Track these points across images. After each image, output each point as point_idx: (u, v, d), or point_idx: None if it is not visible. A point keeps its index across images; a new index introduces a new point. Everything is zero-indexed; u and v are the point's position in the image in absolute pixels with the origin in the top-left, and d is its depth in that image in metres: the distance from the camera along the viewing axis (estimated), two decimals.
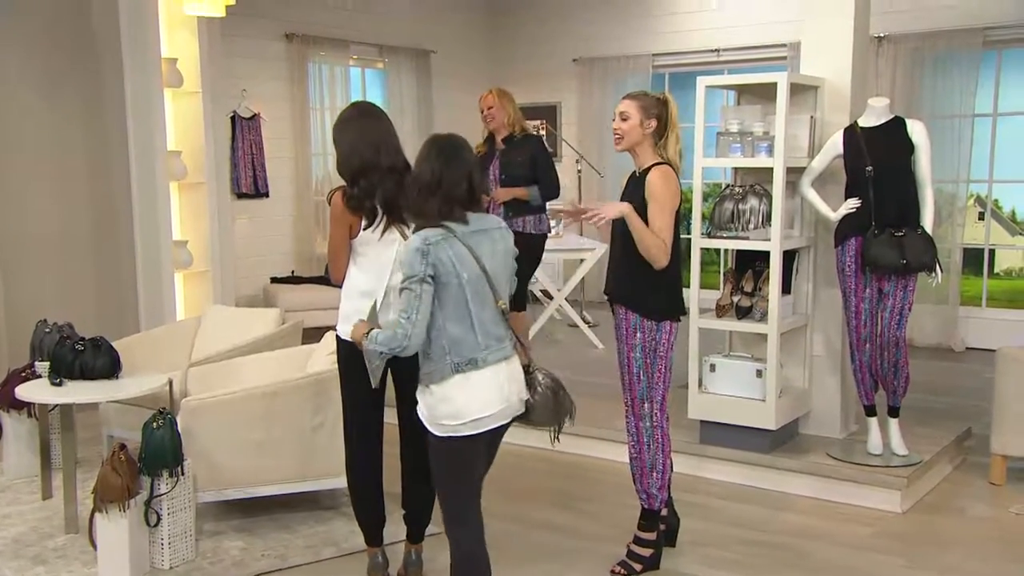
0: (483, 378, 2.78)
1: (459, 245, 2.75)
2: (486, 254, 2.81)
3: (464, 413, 2.77)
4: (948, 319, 7.43)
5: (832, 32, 4.68)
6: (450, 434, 2.79)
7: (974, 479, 4.68)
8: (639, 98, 3.52)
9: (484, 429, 2.80)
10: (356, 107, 3.51)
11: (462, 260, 2.74)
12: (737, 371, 4.55)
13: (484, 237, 2.84)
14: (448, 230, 2.76)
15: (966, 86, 7.24)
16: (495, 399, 2.81)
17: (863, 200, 4.35)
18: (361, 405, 3.44)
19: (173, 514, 3.68)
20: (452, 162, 2.82)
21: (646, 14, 8.86)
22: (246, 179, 7.67)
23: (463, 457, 2.83)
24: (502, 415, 2.85)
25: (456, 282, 2.74)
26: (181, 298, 6.41)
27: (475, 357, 2.77)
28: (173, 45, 6.28)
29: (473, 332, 2.77)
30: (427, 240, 2.72)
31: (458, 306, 2.76)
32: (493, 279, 2.81)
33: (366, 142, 3.28)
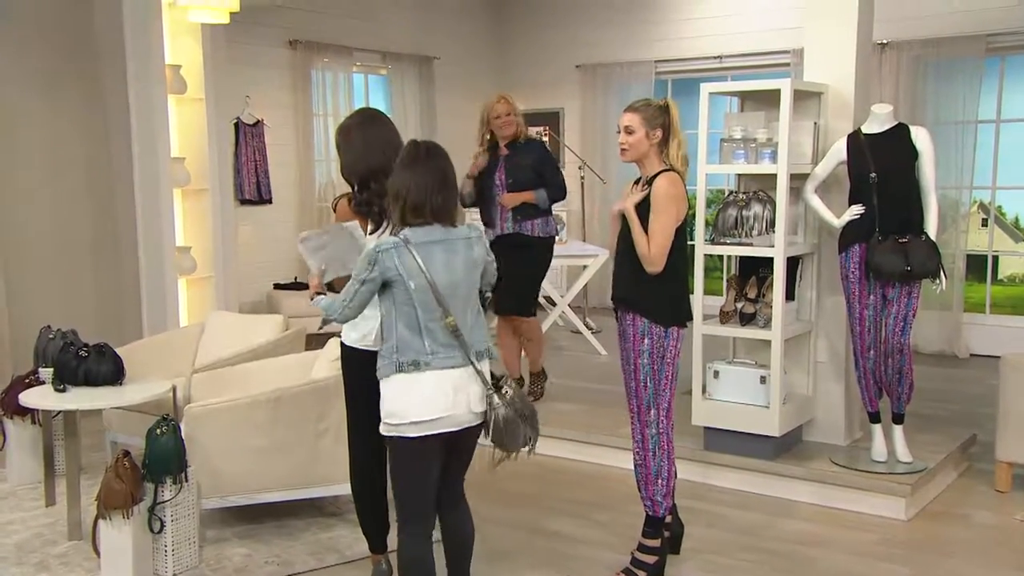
0: (426, 381, 2.84)
1: (407, 256, 2.82)
2: (438, 265, 2.85)
3: (405, 413, 2.84)
4: (952, 326, 7.43)
5: (835, 39, 4.68)
6: (393, 433, 2.88)
7: (979, 486, 4.67)
8: (641, 110, 3.52)
9: (427, 433, 2.84)
10: (362, 113, 3.53)
11: (409, 270, 2.82)
12: (741, 378, 4.55)
13: (439, 248, 2.88)
14: (404, 240, 2.84)
15: (969, 92, 7.25)
16: (438, 405, 2.84)
17: (867, 207, 4.35)
18: (365, 411, 3.42)
19: (176, 521, 3.68)
20: (419, 172, 2.89)
21: (648, 21, 8.88)
22: (249, 185, 7.68)
23: (409, 458, 2.90)
24: (447, 422, 2.86)
25: (403, 288, 2.84)
26: (184, 304, 6.42)
27: (418, 360, 2.84)
28: (177, 52, 6.29)
29: (420, 337, 2.85)
30: (379, 247, 2.84)
31: (408, 310, 2.85)
32: (442, 291, 2.84)
33: (373, 147, 3.29)
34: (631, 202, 3.52)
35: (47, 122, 6.14)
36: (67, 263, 6.25)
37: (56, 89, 6.16)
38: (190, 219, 6.48)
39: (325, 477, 4.10)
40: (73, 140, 6.27)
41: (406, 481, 2.94)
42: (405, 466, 2.92)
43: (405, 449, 2.88)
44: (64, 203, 6.25)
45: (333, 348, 4.30)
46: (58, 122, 6.19)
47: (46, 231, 6.16)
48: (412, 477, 2.93)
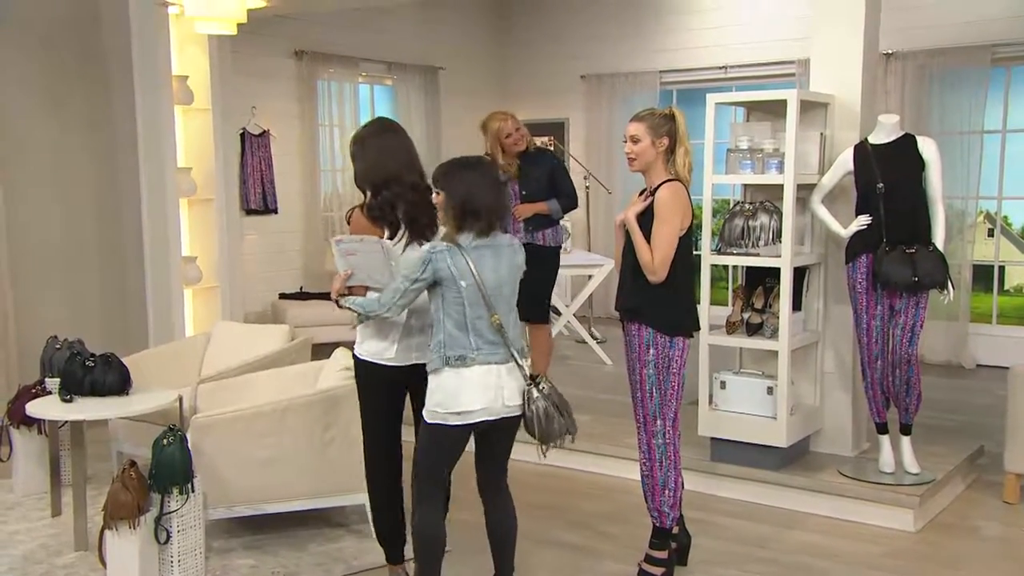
0: (472, 375, 3.06)
1: (460, 258, 3.05)
2: (487, 268, 3.08)
3: (450, 404, 3.07)
4: (958, 336, 7.40)
5: (842, 49, 4.68)
6: (439, 421, 3.10)
7: (987, 498, 4.65)
8: (646, 119, 3.53)
9: (469, 422, 3.09)
10: (378, 123, 3.57)
11: (460, 271, 3.04)
12: (748, 388, 4.54)
13: (488, 252, 3.11)
14: (455, 244, 3.07)
15: (975, 103, 7.24)
16: (480, 397, 3.07)
17: (874, 217, 4.34)
18: (381, 422, 3.49)
19: (183, 531, 3.67)
20: (478, 180, 3.12)
21: (654, 31, 8.89)
22: (255, 195, 7.69)
23: (445, 444, 3.14)
24: (487, 412, 3.09)
25: (455, 288, 3.05)
26: (190, 314, 6.43)
27: (464, 355, 3.06)
28: (184, 63, 6.32)
29: (467, 333, 3.07)
30: (432, 249, 3.07)
31: (456, 309, 3.07)
32: (490, 292, 3.07)
33: (389, 156, 3.35)
34: (632, 212, 3.55)
35: (55, 133, 6.15)
36: (74, 273, 6.25)
37: (64, 100, 6.18)
38: (196, 229, 6.50)
39: (331, 487, 4.10)
40: (80, 150, 6.28)
41: (434, 462, 3.18)
42: (437, 449, 3.16)
43: (442, 435, 3.12)
44: (71, 213, 6.26)
45: (340, 358, 4.31)
46: (65, 133, 6.20)
47: (53, 241, 6.16)
48: (440, 460, 3.19)
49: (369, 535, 4.13)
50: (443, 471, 3.25)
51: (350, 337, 3.56)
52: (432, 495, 3.22)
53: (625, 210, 3.62)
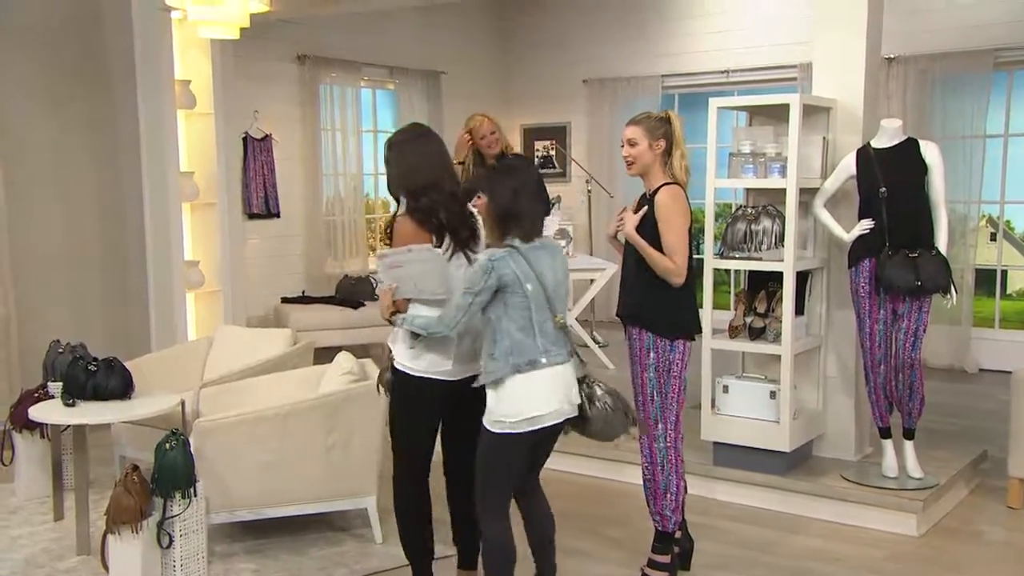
0: (541, 379, 3.02)
1: (522, 261, 3.01)
2: (546, 269, 3.06)
3: (521, 411, 3.00)
4: (961, 340, 7.40)
5: (844, 53, 4.68)
6: (506, 431, 3.02)
7: (991, 503, 4.64)
8: (642, 122, 3.56)
9: (536, 427, 3.02)
10: (416, 127, 3.47)
11: (524, 274, 3.01)
12: (750, 392, 4.53)
13: (544, 253, 3.09)
14: (513, 247, 3.03)
15: (977, 107, 7.24)
16: (550, 400, 3.03)
17: (876, 221, 4.34)
18: (429, 440, 3.36)
19: (185, 536, 3.66)
20: (526, 189, 3.08)
21: (656, 35, 8.90)
22: (257, 199, 7.69)
23: (511, 452, 3.06)
24: (555, 415, 3.05)
25: (520, 292, 3.00)
26: (192, 318, 6.43)
27: (534, 359, 3.01)
28: (186, 67, 6.33)
29: (534, 337, 3.02)
30: (492, 257, 3.01)
31: (522, 314, 3.02)
32: (551, 292, 3.05)
33: (429, 162, 3.25)
34: (631, 227, 3.54)
35: (58, 137, 6.16)
36: (76, 277, 6.26)
37: (66, 104, 6.19)
38: (198, 233, 6.50)
39: (334, 492, 4.09)
40: (83, 155, 6.29)
41: (502, 473, 3.10)
42: (505, 459, 3.07)
43: (510, 444, 3.04)
44: (73, 217, 6.26)
45: (342, 362, 4.31)
46: (68, 137, 6.22)
47: (55, 245, 6.17)
48: (508, 469, 3.10)
49: (371, 539, 4.13)
50: (512, 482, 3.16)
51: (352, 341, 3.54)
52: (502, 506, 3.14)
53: (617, 225, 3.66)
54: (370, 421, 4.11)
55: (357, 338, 7.30)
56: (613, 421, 3.13)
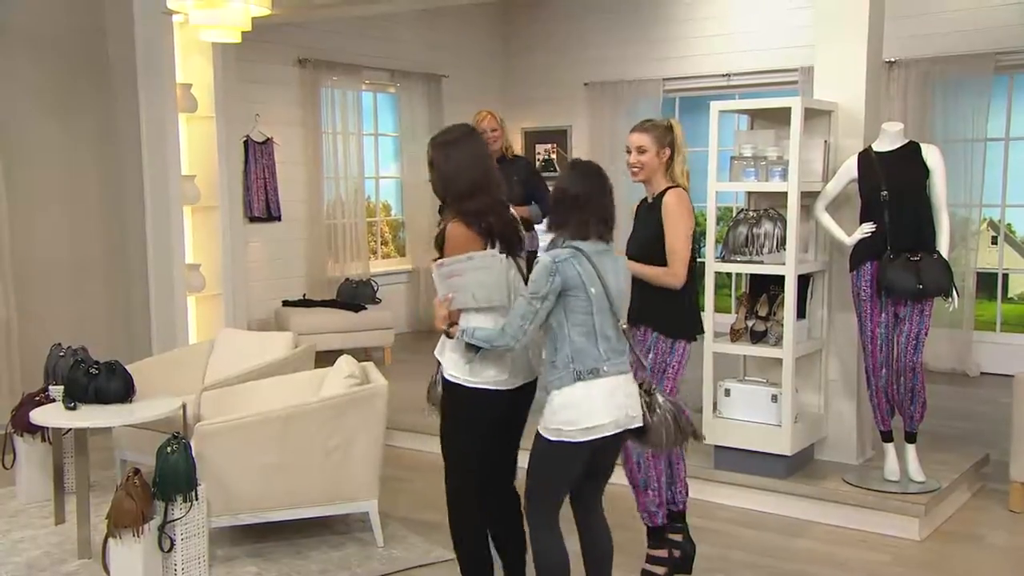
0: (602, 387, 2.91)
1: (586, 263, 2.91)
2: (609, 273, 2.96)
3: (580, 420, 2.89)
4: (962, 344, 7.39)
5: (846, 57, 4.68)
6: (563, 439, 2.90)
7: (993, 506, 4.63)
8: (650, 129, 3.61)
9: (595, 437, 2.91)
10: (462, 127, 3.28)
11: (589, 277, 2.90)
12: (752, 396, 4.53)
13: (607, 257, 3.00)
14: (577, 249, 2.93)
15: (978, 111, 7.24)
16: (609, 409, 2.92)
17: (878, 224, 4.34)
18: (482, 454, 3.18)
19: (187, 539, 3.66)
20: (597, 189, 3.02)
21: (657, 39, 8.90)
22: (258, 203, 7.70)
23: (566, 462, 2.96)
24: (614, 425, 2.94)
25: (584, 296, 2.90)
26: (193, 321, 6.43)
27: (597, 367, 2.91)
28: (188, 70, 6.34)
29: (596, 344, 2.92)
30: (556, 258, 2.90)
31: (584, 319, 2.91)
32: (614, 297, 2.96)
33: (476, 164, 3.12)
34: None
35: (59, 139, 6.17)
36: (77, 281, 6.26)
37: (69, 108, 6.19)
38: (200, 236, 6.50)
39: (335, 495, 4.09)
40: (84, 158, 6.30)
41: (555, 482, 3.00)
42: (559, 468, 2.98)
43: (567, 453, 2.93)
44: (74, 221, 6.27)
45: (343, 366, 4.31)
46: (70, 141, 6.22)
47: (56, 248, 6.17)
48: (562, 478, 3.00)
49: (373, 543, 4.13)
50: (564, 492, 3.05)
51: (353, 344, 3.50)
52: (553, 518, 3.03)
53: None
54: (372, 425, 4.11)
55: (358, 341, 7.31)
56: (672, 432, 3.03)
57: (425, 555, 4.05)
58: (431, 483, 5.08)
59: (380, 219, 9.26)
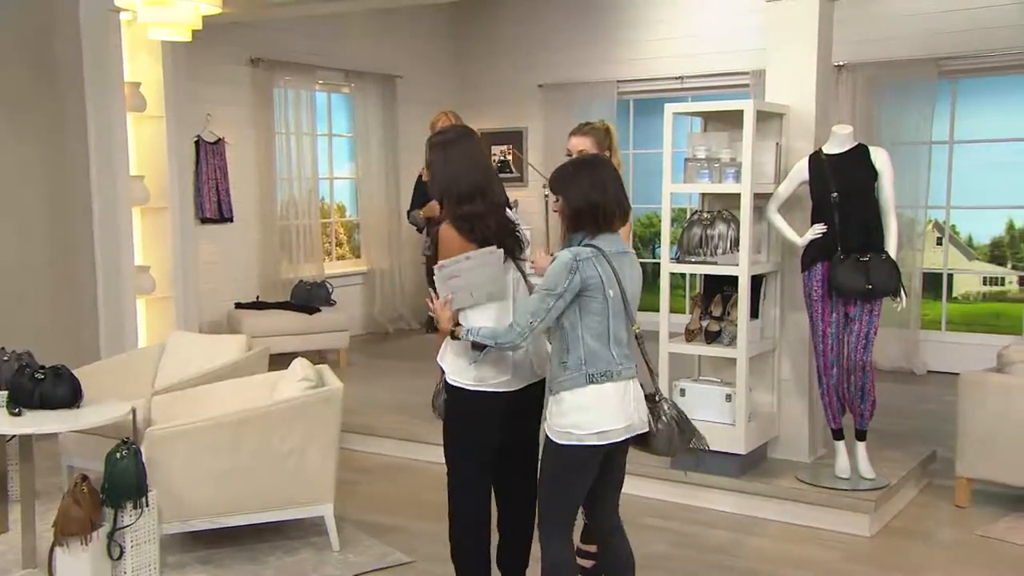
0: (614, 392, 2.85)
1: (606, 264, 2.83)
2: (626, 276, 2.89)
3: (591, 424, 2.82)
4: (909, 343, 7.55)
5: (796, 61, 4.75)
6: (573, 443, 2.83)
7: (939, 502, 4.73)
8: (590, 133, 3.72)
9: (605, 442, 2.84)
10: (461, 128, 3.25)
11: (608, 278, 2.82)
12: (707, 396, 4.57)
13: (625, 259, 2.92)
14: (598, 249, 2.83)
15: (923, 114, 7.40)
16: (621, 415, 2.86)
17: (829, 226, 4.41)
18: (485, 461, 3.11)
19: (137, 547, 3.60)
20: (608, 185, 2.88)
21: (611, 41, 8.96)
22: (210, 204, 7.59)
23: (577, 467, 2.87)
24: (625, 431, 2.88)
25: (601, 297, 2.82)
26: (143, 324, 6.33)
27: (610, 370, 2.84)
28: (136, 69, 6.23)
29: (609, 347, 2.85)
30: (577, 256, 2.80)
31: (600, 321, 2.83)
32: (630, 300, 2.89)
33: (474, 166, 3.06)
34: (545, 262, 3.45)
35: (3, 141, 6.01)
36: (22, 283, 6.10)
37: (13, 107, 6.03)
38: (149, 238, 6.41)
39: (290, 500, 4.04)
40: (30, 158, 6.14)
41: (568, 488, 2.91)
42: (572, 474, 2.89)
43: (578, 457, 2.85)
44: (20, 222, 6.10)
45: (298, 368, 4.26)
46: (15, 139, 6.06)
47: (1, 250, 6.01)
48: (575, 485, 2.91)
49: (328, 547, 4.09)
50: (579, 501, 2.96)
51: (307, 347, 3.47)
52: (567, 526, 2.94)
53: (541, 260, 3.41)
54: (327, 428, 4.07)
55: (312, 344, 7.24)
56: (675, 439, 2.98)
57: (382, 559, 4.02)
58: (385, 485, 5.07)
59: (334, 220, 9.19)
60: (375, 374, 7.12)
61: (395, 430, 5.62)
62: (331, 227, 9.13)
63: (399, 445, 5.55)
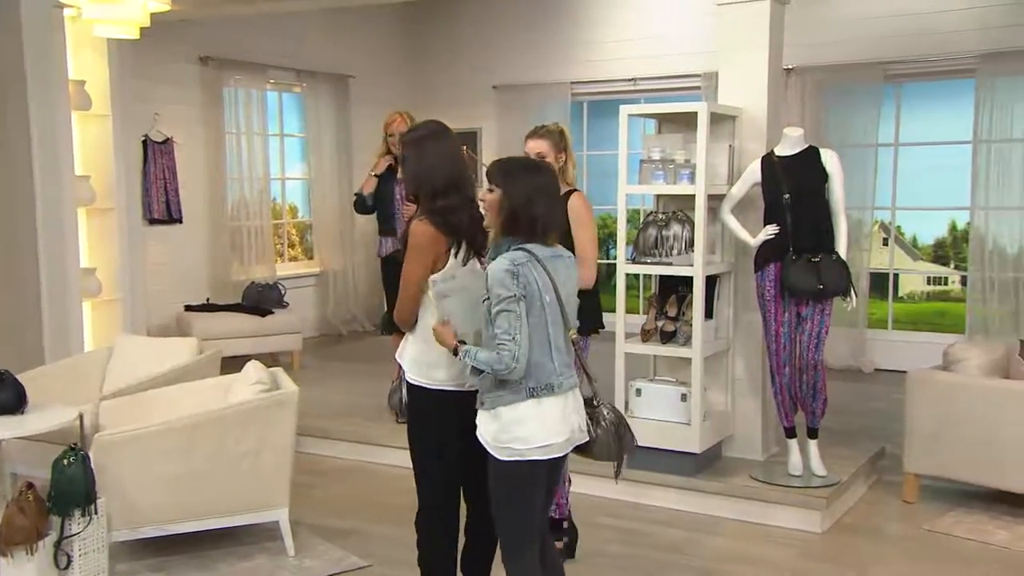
0: (555, 405, 2.77)
1: (540, 269, 2.74)
2: (561, 280, 2.81)
3: (534, 438, 2.74)
4: (857, 341, 7.69)
5: (748, 63, 4.81)
6: (516, 459, 2.75)
7: (888, 498, 4.82)
8: (546, 135, 3.77)
9: (550, 456, 2.77)
10: (435, 124, 3.17)
11: (544, 284, 2.74)
12: (662, 396, 4.60)
13: (560, 263, 2.84)
14: (531, 253, 2.75)
15: (869, 117, 7.56)
16: (563, 427, 2.79)
17: (781, 227, 4.47)
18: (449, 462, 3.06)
19: (85, 555, 3.51)
20: (554, 197, 2.84)
21: (565, 43, 8.99)
22: (158, 205, 7.45)
23: (525, 483, 2.80)
24: (568, 444, 2.82)
25: (539, 304, 2.73)
26: (89, 328, 6.19)
27: (551, 383, 2.75)
28: (81, 66, 6.10)
29: (551, 357, 2.76)
30: (515, 261, 2.71)
31: (540, 330, 2.74)
32: (566, 304, 2.81)
33: (448, 161, 3.02)
34: None
35: None
36: None
37: None
38: (95, 239, 6.27)
39: (243, 505, 3.98)
40: None
41: (521, 507, 2.83)
42: (522, 491, 2.81)
43: (524, 474, 2.77)
44: None
45: (251, 371, 4.20)
46: None
47: None
48: (527, 502, 2.83)
49: (283, 552, 4.03)
50: (536, 513, 2.87)
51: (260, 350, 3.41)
52: (529, 545, 2.85)
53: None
54: (282, 431, 4.01)
55: (265, 346, 7.14)
56: (613, 444, 2.92)
57: (338, 563, 3.98)
58: (340, 488, 5.02)
59: (286, 221, 9.08)
60: (329, 376, 7.05)
61: (349, 432, 5.57)
62: (283, 228, 9.02)
63: (353, 448, 5.51)
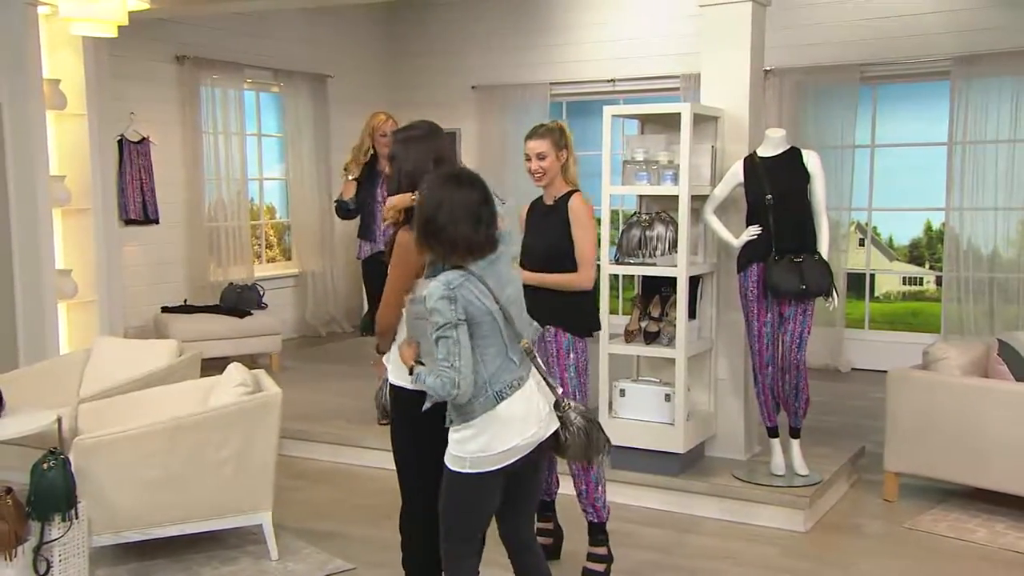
0: (520, 397, 2.74)
1: (479, 284, 2.69)
2: (504, 286, 2.76)
3: (499, 441, 2.71)
4: (835, 341, 7.75)
5: (730, 64, 4.83)
6: (475, 470, 2.72)
7: (869, 496, 4.86)
8: (547, 135, 3.69)
9: (511, 460, 2.73)
10: (425, 124, 3.13)
11: (484, 295, 2.70)
12: (646, 396, 4.61)
13: (499, 266, 2.78)
14: (466, 270, 2.70)
15: (846, 119, 7.62)
16: (527, 425, 2.75)
17: (763, 227, 4.49)
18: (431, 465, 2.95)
19: (65, 560, 3.46)
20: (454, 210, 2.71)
21: (544, 44, 8.99)
22: (135, 205, 7.37)
23: (484, 492, 2.77)
24: (531, 444, 2.77)
25: (490, 319, 2.70)
26: (65, 330, 6.11)
27: (515, 378, 2.75)
28: (56, 65, 6.02)
29: (509, 357, 2.75)
30: (450, 284, 2.66)
31: (495, 339, 2.73)
32: (507, 310, 2.75)
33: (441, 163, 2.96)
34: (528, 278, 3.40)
35: None
36: None
37: None
38: (71, 240, 6.20)
39: (226, 508, 3.94)
40: None
41: (472, 516, 2.82)
42: (476, 500, 2.79)
43: (483, 483, 2.74)
44: None
45: (233, 374, 4.16)
46: None
47: None
48: (480, 511, 2.82)
49: (266, 556, 3.99)
50: (484, 525, 2.87)
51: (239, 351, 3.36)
52: (467, 556, 2.85)
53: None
54: (265, 434, 3.97)
55: (244, 348, 7.09)
56: (586, 445, 2.89)
57: (322, 567, 3.95)
58: (323, 491, 4.98)
59: (264, 222, 9.01)
60: (309, 378, 7.00)
61: (331, 435, 5.54)
62: (261, 229, 8.95)
63: (335, 450, 5.47)
